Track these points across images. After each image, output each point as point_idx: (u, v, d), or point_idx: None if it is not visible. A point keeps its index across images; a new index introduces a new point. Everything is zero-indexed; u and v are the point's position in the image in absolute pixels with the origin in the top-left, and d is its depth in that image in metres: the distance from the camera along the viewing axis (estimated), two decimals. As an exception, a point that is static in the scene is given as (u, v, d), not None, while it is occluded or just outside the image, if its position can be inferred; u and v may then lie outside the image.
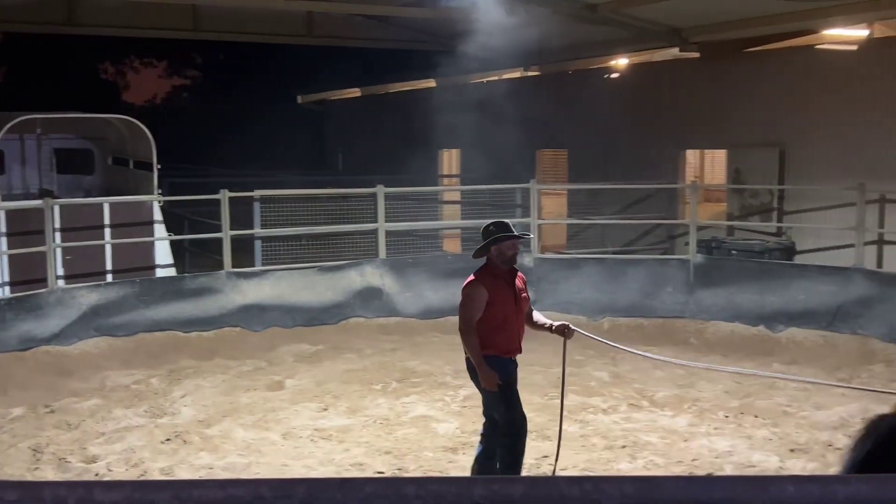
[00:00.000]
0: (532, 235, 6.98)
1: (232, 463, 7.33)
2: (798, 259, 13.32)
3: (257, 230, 12.96)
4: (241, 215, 12.93)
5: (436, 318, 12.67)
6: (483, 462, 6.43)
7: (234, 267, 12.01)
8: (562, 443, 7.62)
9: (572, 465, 7.28)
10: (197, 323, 11.51)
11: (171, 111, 40.30)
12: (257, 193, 12.98)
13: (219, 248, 12.11)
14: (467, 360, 6.30)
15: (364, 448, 7.70)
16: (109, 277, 12.01)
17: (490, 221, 6.48)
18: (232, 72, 37.57)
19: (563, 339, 6.44)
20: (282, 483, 1.23)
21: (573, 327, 6.47)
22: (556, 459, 6.71)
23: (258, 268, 12.56)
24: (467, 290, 6.22)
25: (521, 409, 6.30)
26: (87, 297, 11.08)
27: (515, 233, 6.37)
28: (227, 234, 11.88)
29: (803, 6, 12.38)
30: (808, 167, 13.68)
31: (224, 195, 11.86)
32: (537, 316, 6.55)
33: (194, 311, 11.54)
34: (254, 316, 11.84)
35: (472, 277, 6.30)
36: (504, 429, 6.24)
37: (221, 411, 8.71)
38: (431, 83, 22.27)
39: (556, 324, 6.46)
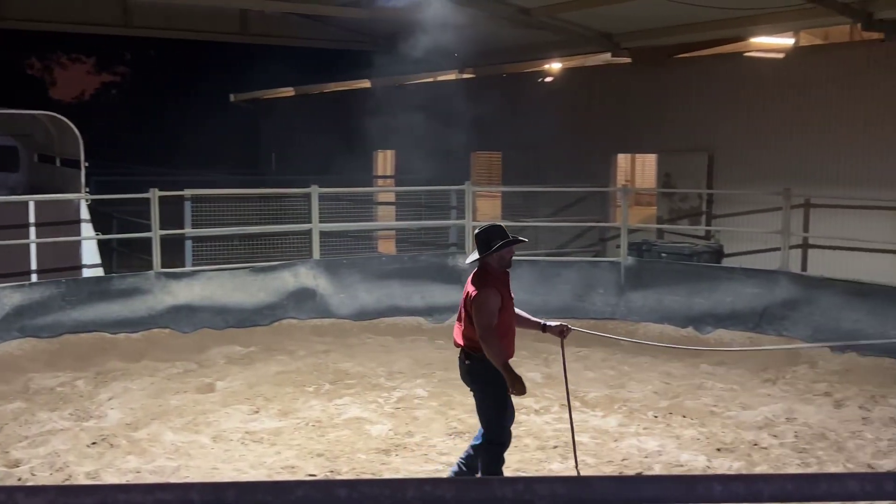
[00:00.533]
0: (527, 240, 7.00)
1: (160, 466, 7.21)
2: (726, 262, 13.60)
3: (188, 230, 12.77)
4: (172, 215, 12.72)
5: (370, 319, 12.65)
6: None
7: (163, 267, 11.82)
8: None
9: (504, 465, 7.32)
10: (125, 324, 11.31)
11: (100, 108, 39.50)
12: (188, 192, 12.78)
13: (148, 248, 11.91)
14: (469, 365, 6.16)
15: (296, 450, 7.64)
16: (34, 277, 11.72)
17: (483, 227, 6.41)
18: (163, 69, 36.96)
19: (560, 339, 6.44)
20: (211, 487, 1.21)
21: (571, 326, 6.48)
22: (576, 462, 6.71)
23: (189, 268, 12.38)
24: (484, 297, 6.06)
25: None
26: (11, 297, 10.80)
27: (511, 237, 6.34)
28: (156, 234, 11.69)
29: (732, 14, 12.65)
30: (735, 172, 13.98)
31: (154, 194, 11.67)
32: (521, 313, 6.52)
33: (122, 311, 11.34)
34: (184, 317, 11.67)
35: (482, 284, 6.15)
36: (493, 435, 6.19)
37: (150, 414, 8.56)
38: (366, 83, 22.20)
39: (551, 324, 6.45)
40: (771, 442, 7.83)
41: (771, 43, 13.83)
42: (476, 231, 6.39)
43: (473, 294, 6.11)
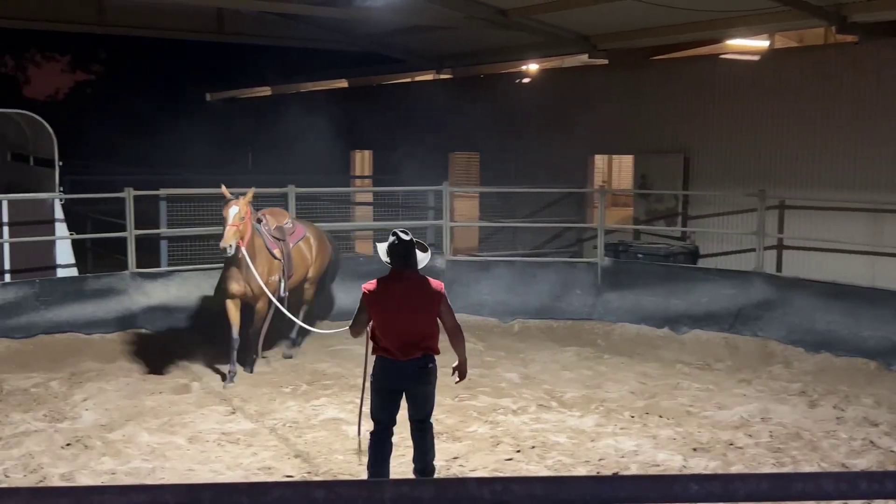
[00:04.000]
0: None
1: (135, 468, 7.15)
2: (701, 263, 13.68)
3: (163, 230, 12.67)
4: (147, 214, 12.62)
5: (347, 320, 12.58)
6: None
7: (138, 267, 11.73)
8: (473, 444, 7.70)
9: (482, 465, 7.32)
10: (99, 324, 11.20)
11: (74, 107, 39.19)
12: (163, 192, 12.68)
13: (123, 248, 11.81)
14: (432, 367, 6.46)
15: (273, 451, 7.61)
16: (8, 277, 11.60)
17: (406, 237, 6.89)
18: (139, 67, 36.72)
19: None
20: (186, 488, 1.20)
21: None
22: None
23: (164, 268, 12.29)
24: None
25: None
26: (-16, 297, 10.68)
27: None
28: (131, 234, 11.60)
29: (707, 16, 12.72)
30: (711, 173, 14.07)
31: (129, 193, 11.58)
32: None
33: (97, 312, 11.23)
34: (159, 317, 11.58)
35: (441, 289, 6.81)
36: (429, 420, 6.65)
37: (125, 415, 8.50)
38: (344, 83, 22.15)
39: None
40: (746, 442, 7.88)
41: (746, 45, 13.93)
42: (412, 239, 6.88)
43: (443, 297, 6.69)
